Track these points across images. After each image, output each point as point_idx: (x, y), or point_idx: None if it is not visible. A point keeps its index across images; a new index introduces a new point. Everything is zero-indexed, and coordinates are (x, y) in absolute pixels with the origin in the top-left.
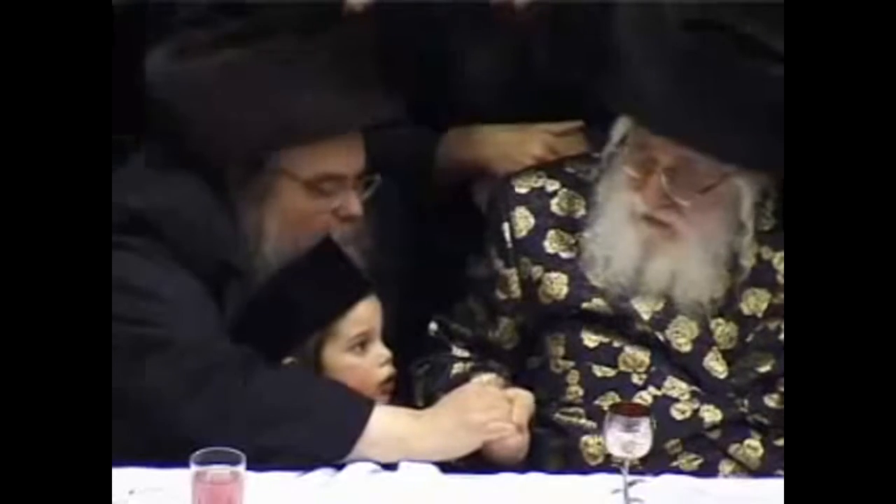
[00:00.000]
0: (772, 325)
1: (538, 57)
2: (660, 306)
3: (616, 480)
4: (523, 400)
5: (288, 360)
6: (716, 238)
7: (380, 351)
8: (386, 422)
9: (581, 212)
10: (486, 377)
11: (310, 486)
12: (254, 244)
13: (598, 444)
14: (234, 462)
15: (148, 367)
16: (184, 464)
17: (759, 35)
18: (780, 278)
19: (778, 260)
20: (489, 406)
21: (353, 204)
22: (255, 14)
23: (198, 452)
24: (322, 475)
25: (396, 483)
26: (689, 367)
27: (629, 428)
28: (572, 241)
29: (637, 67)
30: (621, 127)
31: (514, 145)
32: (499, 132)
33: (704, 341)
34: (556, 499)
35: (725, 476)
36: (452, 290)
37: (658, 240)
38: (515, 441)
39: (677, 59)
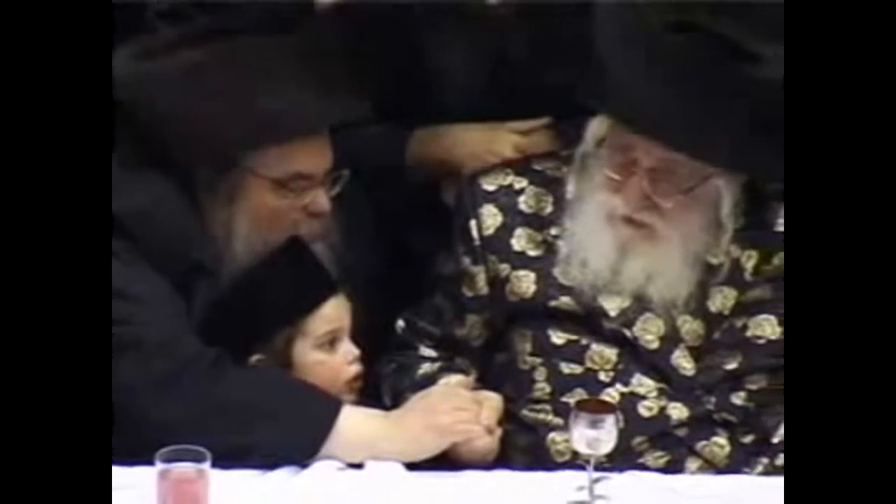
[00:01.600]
0: (738, 323)
1: (510, 55)
2: (627, 303)
3: (582, 477)
4: (492, 402)
5: (256, 357)
6: (695, 238)
7: (348, 348)
8: (353, 422)
9: (549, 209)
10: (455, 378)
11: (276, 483)
12: (224, 243)
13: (566, 441)
14: (200, 460)
15: (118, 366)
16: (150, 462)
17: (736, 36)
18: (748, 276)
19: (745, 258)
20: (457, 408)
21: (322, 200)
22: (223, 13)
23: (163, 450)
24: (288, 473)
25: (363, 481)
26: (656, 365)
27: (594, 425)
28: (540, 239)
29: (617, 67)
30: (596, 127)
31: (482, 144)
32: (467, 131)
33: (672, 338)
34: (523, 496)
35: (692, 473)
36: (421, 288)
37: (636, 240)
38: (484, 443)
39: (658, 59)
